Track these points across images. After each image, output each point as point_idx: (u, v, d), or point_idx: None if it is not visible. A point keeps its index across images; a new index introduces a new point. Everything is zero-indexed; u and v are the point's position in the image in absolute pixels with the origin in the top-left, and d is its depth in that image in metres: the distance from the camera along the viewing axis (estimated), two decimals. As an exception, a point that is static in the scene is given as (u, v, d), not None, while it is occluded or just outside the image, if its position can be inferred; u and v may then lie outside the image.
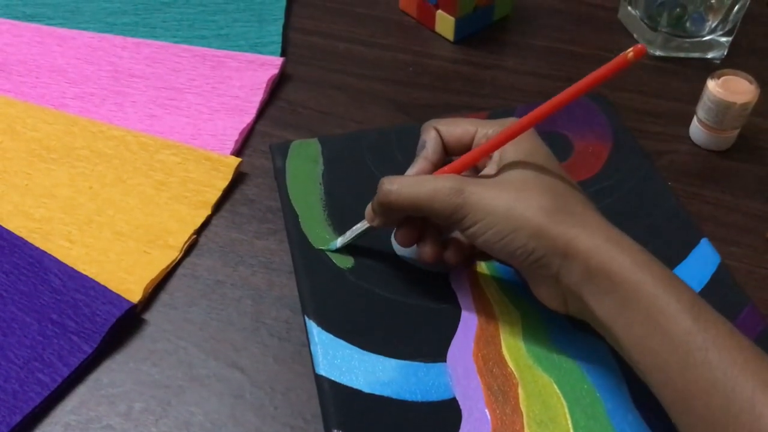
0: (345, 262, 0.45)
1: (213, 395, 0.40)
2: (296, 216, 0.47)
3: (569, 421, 0.38)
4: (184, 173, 0.51)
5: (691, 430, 0.33)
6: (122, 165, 0.51)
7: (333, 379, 0.39)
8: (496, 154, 0.41)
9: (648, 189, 0.50)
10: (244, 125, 0.54)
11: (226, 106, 0.56)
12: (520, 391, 0.39)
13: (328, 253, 0.45)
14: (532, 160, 0.39)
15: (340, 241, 0.45)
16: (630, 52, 0.33)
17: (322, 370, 0.40)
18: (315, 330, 0.41)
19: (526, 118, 0.38)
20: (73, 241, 0.47)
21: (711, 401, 0.32)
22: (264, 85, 0.57)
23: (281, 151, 0.51)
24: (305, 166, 0.50)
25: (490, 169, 0.42)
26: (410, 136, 0.52)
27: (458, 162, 0.40)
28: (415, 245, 0.43)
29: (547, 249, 0.36)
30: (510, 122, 0.41)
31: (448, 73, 0.61)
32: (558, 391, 0.39)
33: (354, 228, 0.44)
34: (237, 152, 0.53)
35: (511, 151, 0.40)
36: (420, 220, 0.42)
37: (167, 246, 0.47)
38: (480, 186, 0.38)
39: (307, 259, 0.45)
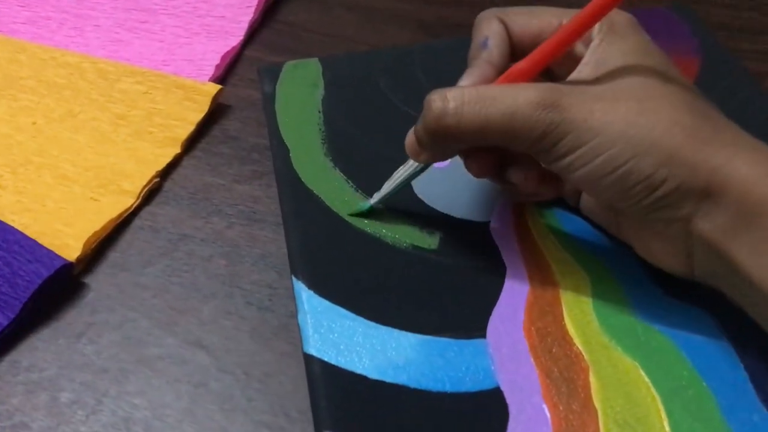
0: (347, 204, 0.34)
1: (165, 383, 0.30)
2: (287, 150, 0.36)
3: (666, 422, 0.27)
4: (150, 105, 0.40)
5: None
6: (74, 97, 0.41)
7: (327, 360, 0.28)
8: (589, 55, 0.29)
9: (754, 114, 0.38)
10: (228, 48, 0.44)
11: (209, 28, 0.46)
12: (593, 378, 0.28)
13: (321, 196, 0.34)
14: (647, 63, 0.28)
15: (376, 197, 0.33)
16: None
17: (313, 348, 0.29)
18: (304, 294, 0.30)
19: None
20: (3, 187, 0.37)
21: None
22: (255, 3, 0.46)
23: (271, 74, 0.41)
24: (301, 91, 0.40)
25: (584, 74, 0.29)
26: (438, 55, 0.42)
27: (530, 60, 0.29)
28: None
29: (683, 181, 0.26)
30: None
31: (486, -12, 0.49)
32: (647, 379, 0.28)
33: (394, 176, 0.32)
34: (219, 80, 0.43)
35: (613, 50, 0.29)
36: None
37: (121, 191, 0.36)
38: (582, 96, 0.27)
39: (297, 203, 0.34)
